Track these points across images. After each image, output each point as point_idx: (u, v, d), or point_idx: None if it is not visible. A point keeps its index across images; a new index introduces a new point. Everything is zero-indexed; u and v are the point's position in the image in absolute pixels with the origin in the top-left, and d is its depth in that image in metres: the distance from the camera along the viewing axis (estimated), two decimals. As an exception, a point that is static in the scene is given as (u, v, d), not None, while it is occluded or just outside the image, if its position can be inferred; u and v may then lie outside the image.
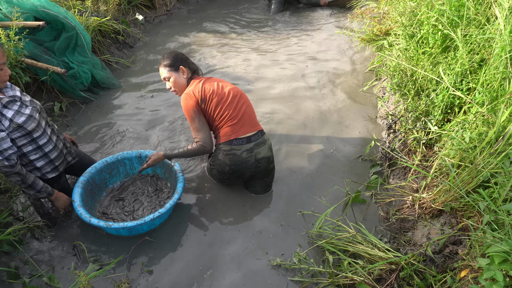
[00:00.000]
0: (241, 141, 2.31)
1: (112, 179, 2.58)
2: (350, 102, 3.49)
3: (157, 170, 2.64)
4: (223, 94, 2.30)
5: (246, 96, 2.44)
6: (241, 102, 2.35)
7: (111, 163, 2.53)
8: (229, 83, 2.43)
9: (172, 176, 2.50)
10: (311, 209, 2.47)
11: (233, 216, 2.44)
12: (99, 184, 2.48)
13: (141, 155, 2.58)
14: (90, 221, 2.08)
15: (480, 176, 1.83)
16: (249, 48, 4.50)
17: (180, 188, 2.29)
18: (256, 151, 2.36)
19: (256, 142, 2.35)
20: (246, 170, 2.37)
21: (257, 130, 2.38)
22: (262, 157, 2.39)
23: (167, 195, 2.51)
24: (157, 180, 2.62)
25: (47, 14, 3.22)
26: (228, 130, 2.29)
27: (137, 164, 2.61)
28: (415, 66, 2.73)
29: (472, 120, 2.12)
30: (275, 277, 2.08)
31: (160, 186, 2.58)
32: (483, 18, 2.43)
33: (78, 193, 2.24)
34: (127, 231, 2.23)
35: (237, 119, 2.30)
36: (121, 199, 2.48)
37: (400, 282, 1.86)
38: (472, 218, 1.88)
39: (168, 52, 2.41)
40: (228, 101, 2.29)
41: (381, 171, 2.73)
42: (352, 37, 4.33)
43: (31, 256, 2.17)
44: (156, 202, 2.46)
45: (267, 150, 2.42)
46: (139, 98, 3.61)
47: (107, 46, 4.13)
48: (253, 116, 2.42)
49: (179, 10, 5.50)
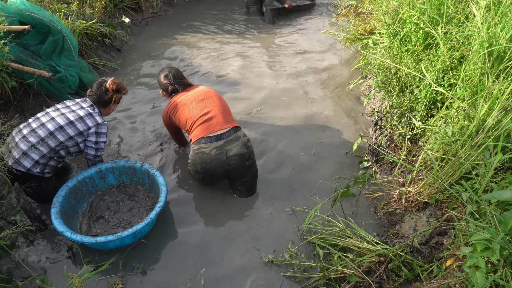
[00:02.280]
0: (210, 139, 2.37)
1: (79, 203, 2.42)
2: (337, 100, 3.55)
3: (122, 178, 2.58)
4: (188, 102, 2.54)
5: (218, 96, 2.60)
6: (208, 103, 2.50)
7: (73, 187, 2.36)
8: (202, 88, 2.65)
9: (148, 181, 2.51)
10: (300, 204, 2.51)
11: (223, 215, 2.47)
12: (69, 212, 2.31)
13: (101, 169, 2.48)
14: (97, 240, 2.05)
15: (462, 168, 1.90)
16: (235, 49, 4.53)
17: (163, 194, 2.28)
18: (227, 148, 2.37)
19: (227, 139, 2.38)
20: (218, 168, 2.38)
21: (229, 128, 2.42)
22: (234, 154, 2.38)
23: (145, 195, 2.53)
24: (124, 188, 2.58)
25: (32, 17, 3.20)
26: (197, 131, 2.43)
27: (99, 180, 2.50)
28: (398, 64, 2.80)
29: (454, 114, 2.19)
30: (268, 273, 2.12)
31: (132, 192, 2.55)
32: (462, 16, 2.52)
33: (61, 224, 2.11)
34: (131, 238, 2.20)
35: (204, 119, 2.43)
36: (100, 217, 2.39)
37: (388, 273, 1.91)
38: (456, 209, 1.95)
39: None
40: (191, 106, 2.50)
41: (369, 167, 2.79)
42: (338, 37, 4.40)
43: (23, 259, 2.16)
44: (138, 206, 2.47)
45: (240, 147, 2.40)
46: (127, 101, 3.60)
47: (94, 49, 4.11)
48: (225, 114, 2.49)
49: (166, 12, 5.50)
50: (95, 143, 2.39)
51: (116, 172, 2.55)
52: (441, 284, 1.63)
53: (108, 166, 2.51)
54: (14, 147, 2.21)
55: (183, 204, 2.56)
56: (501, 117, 1.87)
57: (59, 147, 2.27)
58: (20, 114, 3.27)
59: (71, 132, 2.28)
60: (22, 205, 2.17)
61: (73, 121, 2.30)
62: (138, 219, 2.39)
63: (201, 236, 2.34)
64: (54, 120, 2.27)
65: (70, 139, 2.29)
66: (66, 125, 2.27)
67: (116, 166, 2.52)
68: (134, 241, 2.26)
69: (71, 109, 2.37)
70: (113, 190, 2.56)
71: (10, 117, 3.18)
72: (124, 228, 2.32)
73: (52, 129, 2.24)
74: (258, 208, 2.51)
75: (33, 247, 2.26)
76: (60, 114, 2.31)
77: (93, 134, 2.37)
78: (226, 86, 3.78)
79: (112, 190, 2.57)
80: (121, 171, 2.55)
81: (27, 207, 2.19)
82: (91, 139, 2.37)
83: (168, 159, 2.90)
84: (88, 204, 2.47)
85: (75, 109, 2.37)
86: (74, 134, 2.29)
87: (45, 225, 2.34)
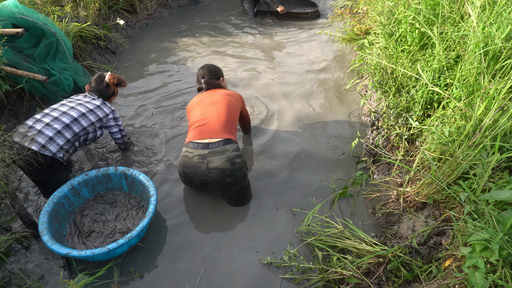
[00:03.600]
0: (196, 145, 2.34)
1: (62, 226, 2.32)
2: (333, 101, 3.55)
3: (97, 188, 2.53)
4: (198, 103, 2.56)
5: (228, 103, 2.53)
6: (212, 109, 2.47)
7: (52, 210, 2.25)
8: (223, 92, 2.61)
9: (126, 183, 2.50)
10: (298, 205, 2.51)
11: (220, 218, 2.46)
12: (57, 237, 2.19)
13: (73, 185, 2.40)
14: (109, 248, 2.01)
15: (460, 168, 1.90)
16: (231, 50, 4.52)
17: (152, 188, 2.30)
18: (209, 159, 2.29)
19: (213, 150, 2.30)
20: (196, 176, 2.32)
21: (220, 139, 2.33)
22: (215, 167, 2.28)
23: (126, 198, 2.51)
24: (102, 197, 2.53)
25: (25, 20, 3.17)
26: (191, 133, 2.44)
27: (74, 198, 2.42)
28: (394, 64, 2.80)
29: (450, 114, 2.19)
30: (267, 275, 2.11)
31: (111, 199, 2.52)
32: (458, 16, 2.52)
33: (61, 246, 2.01)
34: (137, 239, 2.20)
35: (199, 124, 2.42)
36: (91, 232, 2.33)
37: (388, 275, 1.91)
38: (454, 209, 1.95)
39: None
40: (197, 108, 2.52)
41: (366, 167, 2.79)
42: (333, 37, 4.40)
43: (19, 267, 2.14)
44: (124, 209, 2.45)
45: (223, 162, 2.28)
46: (123, 103, 3.58)
47: (88, 52, 4.09)
48: (223, 125, 2.40)
49: (161, 14, 5.48)
50: (117, 126, 2.72)
51: (90, 184, 2.48)
52: (441, 284, 1.62)
53: (80, 180, 2.43)
54: (37, 134, 2.30)
55: (178, 207, 2.54)
56: (498, 116, 1.87)
57: (82, 132, 2.48)
58: (15, 118, 3.24)
59: (93, 118, 2.54)
60: (17, 211, 2.15)
61: (92, 109, 2.56)
62: (131, 221, 2.37)
63: (198, 238, 2.32)
64: (75, 109, 2.49)
65: (91, 125, 2.54)
66: (87, 112, 2.52)
67: (88, 178, 2.46)
68: (138, 240, 2.25)
69: (85, 100, 2.61)
70: (90, 203, 2.50)
71: (4, 121, 3.15)
72: (123, 234, 2.29)
73: (76, 115, 2.46)
74: (256, 210, 2.50)
75: (28, 253, 2.23)
76: (78, 104, 2.54)
77: (111, 119, 2.67)
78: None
79: (89, 203, 2.49)
80: (94, 182, 2.49)
81: (22, 213, 2.17)
82: (112, 124, 2.69)
83: (165, 162, 2.89)
84: (71, 224, 2.37)
85: (88, 100, 2.62)
86: (95, 120, 2.55)
87: (40, 230, 2.31)
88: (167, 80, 3.92)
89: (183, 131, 3.17)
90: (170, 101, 3.57)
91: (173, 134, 3.15)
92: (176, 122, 3.29)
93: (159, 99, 3.60)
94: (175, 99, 3.60)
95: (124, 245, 2.05)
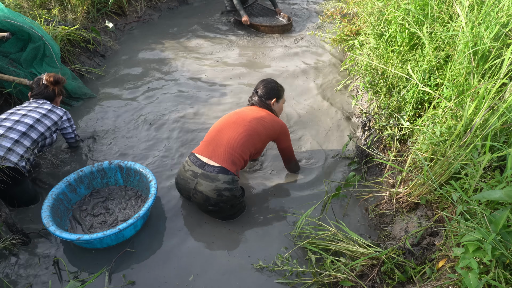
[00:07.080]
0: (196, 159, 2.27)
1: (62, 222, 2.31)
2: (325, 102, 3.54)
3: (92, 184, 2.54)
4: (225, 117, 2.45)
5: (245, 130, 2.30)
6: (229, 129, 2.32)
7: (52, 205, 2.24)
8: (250, 114, 2.39)
9: (121, 176, 2.54)
10: (290, 208, 2.49)
11: (211, 222, 2.43)
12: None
13: (69, 181, 2.40)
14: (120, 229, 2.08)
15: (452, 168, 1.90)
16: (219, 52, 4.50)
17: (150, 174, 2.38)
18: (199, 180, 2.20)
19: (205, 173, 2.19)
20: (184, 190, 2.30)
21: (217, 164, 2.20)
22: (201, 191, 2.19)
23: (122, 190, 2.55)
24: (98, 193, 2.54)
25: (11, 24, 3.12)
26: (199, 145, 2.37)
27: (71, 194, 2.43)
28: (385, 65, 2.81)
29: (441, 114, 2.19)
30: (260, 280, 2.08)
31: (107, 194, 2.54)
32: (446, 16, 2.53)
33: (67, 234, 2.03)
34: (142, 221, 2.27)
35: (209, 140, 2.34)
36: (93, 224, 2.34)
37: (382, 276, 1.90)
38: (447, 210, 1.95)
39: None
40: (219, 122, 2.41)
41: (359, 169, 2.78)
42: (324, 38, 4.41)
43: (5, 275, 2.08)
44: (122, 200, 2.49)
45: (210, 190, 2.17)
46: (113, 106, 3.53)
47: (77, 55, 4.03)
48: (226, 150, 2.24)
49: (150, 16, 5.43)
50: (70, 127, 2.73)
51: (85, 181, 2.50)
52: (435, 286, 1.61)
53: (76, 177, 2.44)
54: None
55: (171, 212, 2.50)
56: (488, 116, 1.88)
57: (40, 138, 2.45)
58: (1, 124, 3.17)
59: (48, 123, 2.52)
60: (4, 219, 2.10)
61: (45, 113, 2.54)
62: (131, 209, 2.44)
63: (190, 244, 2.29)
64: (28, 116, 2.45)
65: (48, 129, 2.52)
66: (41, 117, 2.50)
67: (84, 174, 2.48)
68: (143, 223, 2.35)
69: (34, 106, 2.57)
70: (86, 199, 2.51)
71: (-9, 127, 3.08)
72: (125, 221, 2.33)
73: (31, 122, 2.42)
74: (248, 214, 2.48)
75: (17, 261, 2.18)
76: (29, 110, 2.50)
77: (66, 121, 2.69)
78: (210, 91, 3.75)
79: (86, 200, 2.51)
80: (89, 178, 2.51)
81: (9, 221, 2.12)
82: (66, 125, 2.70)
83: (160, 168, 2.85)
84: (71, 220, 2.37)
85: (37, 105, 2.59)
86: (51, 124, 2.54)
87: (28, 237, 2.26)
88: (155, 84, 3.89)
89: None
90: (161, 105, 3.53)
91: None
92: (153, 133, 3.25)
93: (148, 102, 3.56)
94: (165, 104, 3.56)
95: (132, 225, 2.12)
